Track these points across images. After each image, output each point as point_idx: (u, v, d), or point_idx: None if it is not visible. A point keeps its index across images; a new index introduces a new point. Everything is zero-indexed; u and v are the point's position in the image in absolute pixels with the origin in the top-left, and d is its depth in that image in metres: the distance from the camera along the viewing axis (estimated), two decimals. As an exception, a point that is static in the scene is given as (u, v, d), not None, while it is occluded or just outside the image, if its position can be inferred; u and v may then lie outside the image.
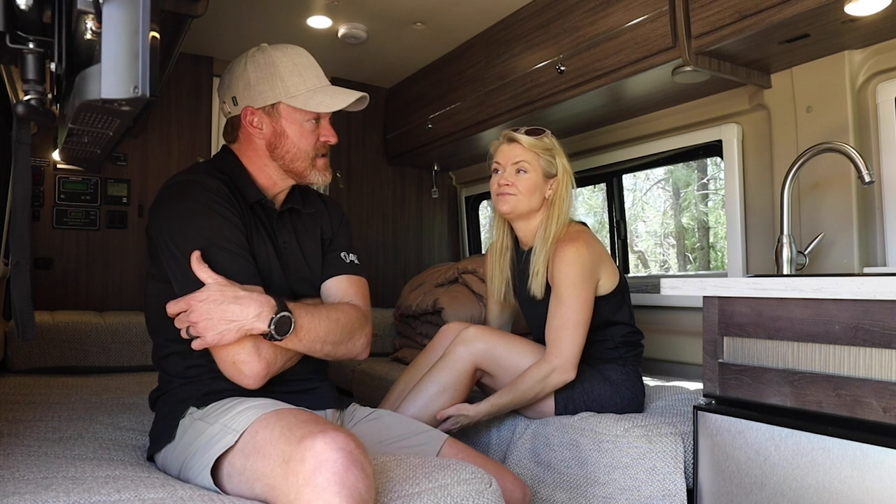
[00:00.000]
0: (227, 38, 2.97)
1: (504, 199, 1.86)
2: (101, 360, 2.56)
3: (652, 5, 1.98)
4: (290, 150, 1.42)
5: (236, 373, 1.24)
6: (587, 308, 1.75)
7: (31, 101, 0.83)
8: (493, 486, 1.19)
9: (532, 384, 1.73)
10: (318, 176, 1.47)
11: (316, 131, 1.44)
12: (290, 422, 1.05)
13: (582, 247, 1.77)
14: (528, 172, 1.85)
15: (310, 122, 1.42)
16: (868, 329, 1.18)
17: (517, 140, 1.87)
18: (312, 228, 1.55)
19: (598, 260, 1.80)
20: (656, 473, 1.53)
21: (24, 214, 1.13)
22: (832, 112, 1.96)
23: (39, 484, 1.05)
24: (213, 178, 1.36)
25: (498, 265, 2.00)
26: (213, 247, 1.25)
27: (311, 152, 1.44)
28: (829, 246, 1.97)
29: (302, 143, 1.42)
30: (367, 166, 3.70)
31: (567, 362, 1.72)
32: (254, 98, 1.41)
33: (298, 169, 1.44)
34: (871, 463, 1.15)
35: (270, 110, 1.41)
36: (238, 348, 1.22)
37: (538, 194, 1.86)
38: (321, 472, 0.92)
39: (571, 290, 1.74)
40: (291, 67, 1.41)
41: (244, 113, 1.42)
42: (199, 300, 1.18)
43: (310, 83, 1.42)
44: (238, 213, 1.35)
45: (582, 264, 1.75)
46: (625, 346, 1.87)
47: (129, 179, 3.08)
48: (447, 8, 2.59)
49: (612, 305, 1.85)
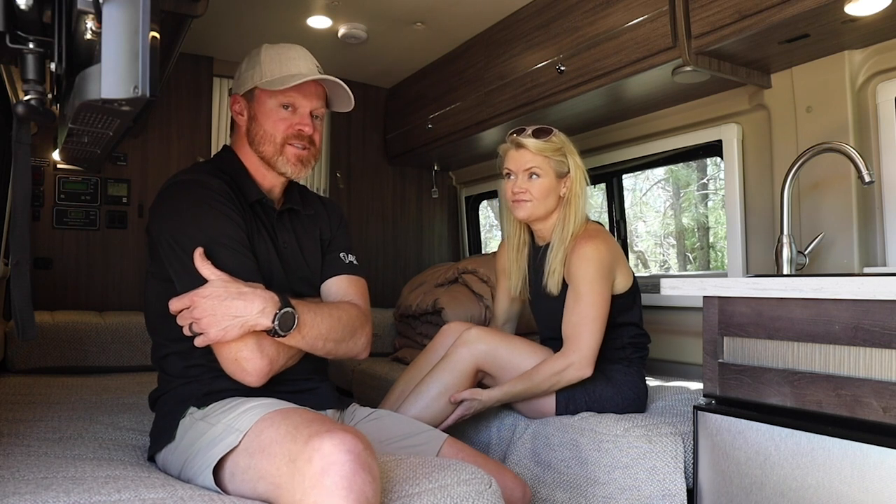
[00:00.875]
0: (227, 38, 2.97)
1: (520, 206, 1.86)
2: (101, 360, 2.56)
3: (652, 5, 1.98)
4: (259, 133, 1.43)
5: (238, 370, 1.23)
6: (605, 305, 1.76)
7: (31, 101, 0.83)
8: (493, 486, 1.19)
9: (548, 376, 1.73)
10: (286, 165, 1.43)
11: (289, 119, 1.42)
12: (297, 421, 1.05)
13: (601, 244, 1.77)
14: (541, 177, 1.84)
15: (281, 108, 1.41)
16: (868, 329, 1.18)
17: (525, 146, 1.85)
18: (311, 229, 1.55)
19: (615, 258, 1.81)
20: (656, 473, 1.53)
21: (24, 214, 1.13)
22: (832, 112, 1.96)
23: (39, 484, 1.05)
24: (214, 177, 1.37)
25: (516, 261, 1.99)
26: (214, 244, 1.25)
27: (280, 137, 1.41)
28: (829, 246, 1.97)
29: (269, 126, 1.41)
30: (367, 166, 3.70)
31: (585, 358, 1.72)
32: (238, 86, 1.47)
33: (267, 153, 1.42)
34: (871, 463, 1.15)
35: (249, 96, 1.45)
36: (240, 345, 1.21)
37: (553, 196, 1.86)
38: (329, 475, 0.92)
39: (590, 287, 1.74)
40: (274, 56, 1.44)
41: (231, 101, 1.48)
42: (202, 296, 1.17)
43: (286, 70, 1.42)
44: (239, 211, 1.35)
45: (601, 261, 1.75)
46: (632, 347, 1.88)
47: (129, 179, 3.08)
48: (447, 8, 2.59)
49: (623, 306, 1.85)
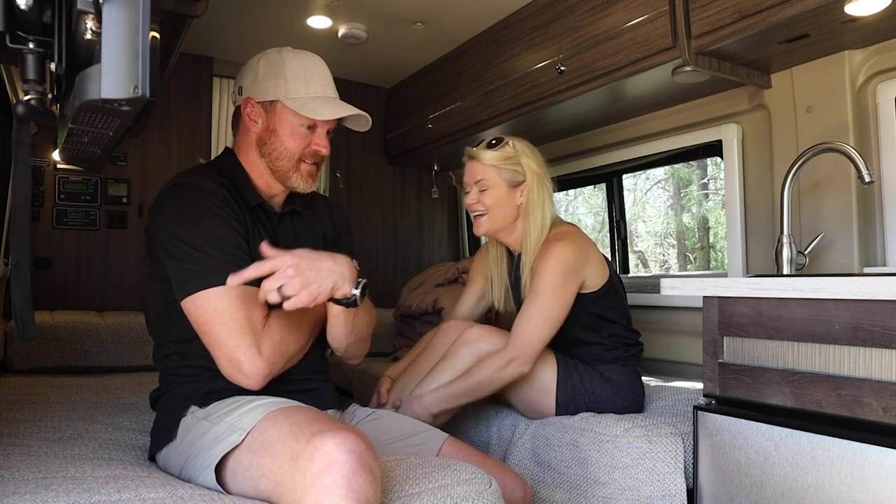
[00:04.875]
0: (227, 38, 2.97)
1: (477, 223, 1.86)
2: (101, 360, 2.55)
3: (652, 5, 1.98)
4: (277, 148, 1.42)
5: (235, 372, 1.23)
6: (562, 308, 1.73)
7: (31, 101, 0.83)
8: (493, 486, 1.19)
9: (490, 372, 1.70)
10: (300, 181, 1.44)
11: (308, 138, 1.43)
12: (300, 419, 1.05)
13: (566, 246, 1.74)
14: (491, 188, 1.82)
15: (303, 127, 1.41)
16: (868, 329, 1.18)
17: (476, 157, 1.84)
18: (314, 230, 1.55)
19: (583, 259, 1.77)
20: (656, 473, 1.53)
21: (24, 214, 1.13)
22: (832, 112, 1.96)
23: (39, 484, 1.05)
24: (214, 181, 1.37)
25: (497, 274, 1.98)
26: (212, 249, 1.25)
27: (297, 155, 1.42)
28: (829, 246, 1.97)
29: (289, 144, 1.41)
30: (367, 166, 3.70)
31: (526, 354, 1.70)
32: (256, 91, 1.43)
33: (282, 169, 1.43)
34: (871, 463, 1.15)
35: (269, 106, 1.42)
36: (235, 346, 1.21)
37: (509, 206, 1.83)
38: (329, 474, 0.92)
39: (550, 289, 1.72)
40: (299, 71, 1.41)
41: (244, 103, 1.44)
42: (294, 256, 1.15)
43: (312, 90, 1.42)
44: (237, 216, 1.35)
45: (565, 263, 1.73)
46: (623, 346, 1.87)
47: (129, 179, 3.08)
48: (447, 8, 2.59)
49: (604, 303, 1.83)
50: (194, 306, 1.24)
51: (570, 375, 1.79)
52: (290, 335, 1.31)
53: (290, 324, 1.31)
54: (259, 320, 1.26)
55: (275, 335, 1.27)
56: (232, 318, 1.22)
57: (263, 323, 1.26)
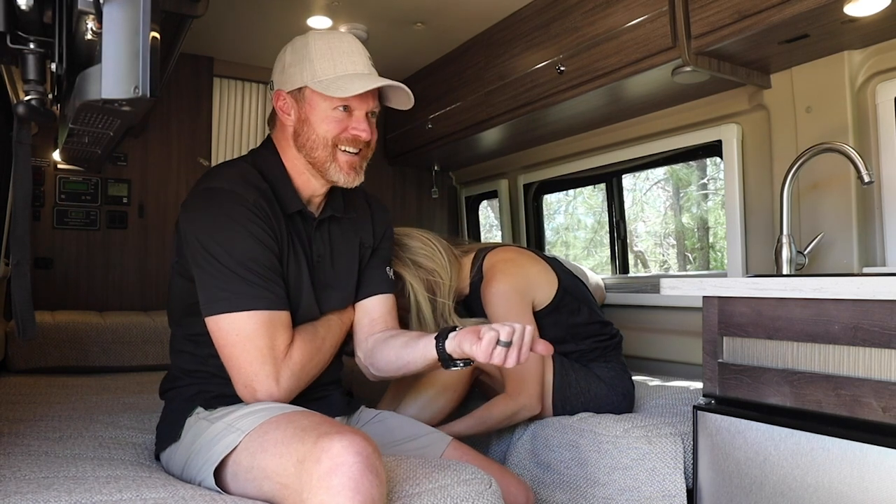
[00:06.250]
0: (227, 38, 2.97)
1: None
2: (102, 360, 2.55)
3: (652, 5, 1.98)
4: (311, 138, 1.32)
5: (250, 397, 1.23)
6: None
7: (31, 101, 0.84)
8: (493, 486, 1.19)
9: (500, 419, 1.73)
10: (339, 174, 1.34)
11: (345, 122, 1.32)
12: (304, 423, 1.04)
13: (502, 280, 1.73)
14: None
15: (337, 110, 1.31)
16: (868, 329, 1.18)
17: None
18: (351, 236, 1.48)
19: (523, 282, 1.76)
20: (656, 474, 1.53)
21: (24, 214, 1.14)
22: (832, 112, 1.96)
23: (41, 484, 1.05)
24: (253, 186, 1.29)
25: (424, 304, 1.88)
26: (241, 268, 1.22)
27: (332, 142, 1.32)
28: (828, 246, 1.97)
29: (322, 130, 1.31)
30: (367, 166, 3.69)
31: (532, 399, 1.72)
32: (284, 82, 1.35)
33: (319, 160, 1.33)
34: (870, 463, 1.15)
35: (298, 95, 1.33)
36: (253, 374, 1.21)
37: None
38: (336, 475, 0.92)
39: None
40: (325, 51, 1.31)
41: (275, 97, 1.36)
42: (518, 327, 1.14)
43: (341, 69, 1.31)
44: (273, 228, 1.29)
45: (514, 291, 1.73)
46: (601, 345, 1.86)
47: (130, 179, 3.08)
48: (447, 8, 2.59)
49: (564, 309, 1.81)
50: (217, 327, 1.23)
51: (567, 375, 1.79)
52: (310, 362, 1.30)
53: (312, 350, 1.30)
54: (282, 349, 1.24)
55: (295, 365, 1.26)
56: (255, 345, 1.21)
57: (286, 351, 1.25)
